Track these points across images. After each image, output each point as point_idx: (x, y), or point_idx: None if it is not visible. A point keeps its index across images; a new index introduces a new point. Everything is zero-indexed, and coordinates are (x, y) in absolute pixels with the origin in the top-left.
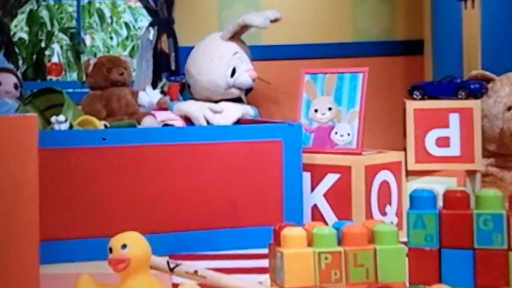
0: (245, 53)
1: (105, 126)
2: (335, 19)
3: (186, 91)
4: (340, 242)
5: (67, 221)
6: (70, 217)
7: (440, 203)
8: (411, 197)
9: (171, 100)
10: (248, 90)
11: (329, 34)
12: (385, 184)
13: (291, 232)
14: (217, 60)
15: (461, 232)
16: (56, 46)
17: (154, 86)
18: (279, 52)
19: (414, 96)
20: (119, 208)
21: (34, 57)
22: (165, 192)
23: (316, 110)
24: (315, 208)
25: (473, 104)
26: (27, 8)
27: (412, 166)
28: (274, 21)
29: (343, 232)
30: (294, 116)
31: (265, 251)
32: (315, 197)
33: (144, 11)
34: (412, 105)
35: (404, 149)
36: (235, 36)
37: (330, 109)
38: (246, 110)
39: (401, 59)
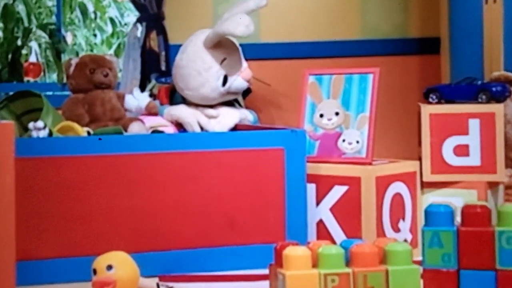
0: (236, 54)
1: (88, 133)
2: (342, 14)
3: (177, 94)
4: (348, 263)
5: (47, 238)
6: (50, 234)
7: (458, 219)
8: (426, 213)
9: (161, 104)
10: (246, 93)
11: (335, 31)
12: (398, 197)
13: (294, 252)
14: (205, 73)
15: (481, 251)
16: (34, 44)
17: (142, 88)
18: (280, 50)
19: (430, 100)
20: (104, 224)
21: (10, 56)
22: (155, 206)
23: (321, 115)
24: (320, 224)
25: (495, 108)
26: (1, 2)
27: (428, 177)
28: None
29: (351, 251)
30: (297, 121)
31: (265, 272)
32: (321, 211)
33: (131, 6)
34: (427, 110)
35: (419, 159)
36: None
37: (337, 114)
38: (244, 115)
39: (415, 59)
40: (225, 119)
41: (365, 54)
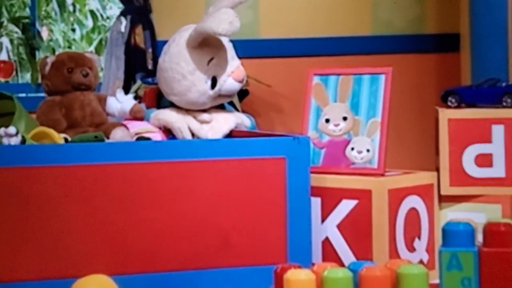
0: (225, 52)
1: (66, 140)
2: (351, 8)
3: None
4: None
5: (20, 259)
6: (23, 254)
7: (480, 238)
8: (444, 231)
9: (147, 107)
10: (243, 96)
11: (343, 26)
12: (413, 213)
13: (297, 275)
14: (190, 76)
15: (505, 274)
16: (5, 40)
17: (127, 90)
18: (281, 47)
19: (449, 104)
20: (84, 243)
21: None
22: (141, 223)
23: (327, 120)
24: (326, 243)
25: None
26: None
27: (447, 190)
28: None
29: (361, 275)
30: (300, 127)
31: None
32: (327, 229)
33: None
34: (446, 115)
35: (437, 169)
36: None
37: (345, 119)
38: (240, 120)
39: (432, 57)
40: (219, 124)
41: (376, 51)
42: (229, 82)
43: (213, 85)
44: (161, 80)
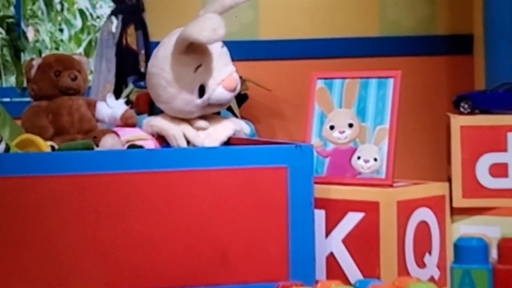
0: (216, 57)
1: (53, 148)
2: (357, 7)
3: None
4: None
5: (5, 276)
6: (8, 270)
7: (494, 254)
8: (456, 247)
9: (140, 113)
10: (242, 101)
11: (349, 26)
12: (423, 226)
13: None
14: (176, 83)
15: None
16: None
17: (118, 94)
18: (282, 49)
19: (461, 109)
20: (71, 258)
21: None
22: (132, 237)
23: (332, 127)
24: (331, 258)
25: None
26: None
27: (459, 202)
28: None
29: None
30: (302, 134)
31: None
32: (331, 243)
33: None
34: (458, 121)
35: (449, 180)
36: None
37: (350, 125)
38: (239, 127)
39: (444, 60)
40: (216, 131)
41: (384, 54)
42: (219, 91)
43: (202, 93)
44: (149, 86)
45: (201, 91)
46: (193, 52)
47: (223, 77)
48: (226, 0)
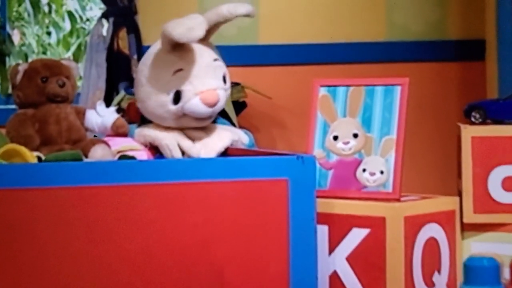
0: (203, 67)
1: (39, 158)
2: (362, 10)
3: None
4: None
5: None
6: None
7: (506, 274)
8: (466, 267)
9: (132, 122)
10: (240, 109)
11: (354, 31)
12: (432, 243)
13: None
14: (152, 82)
15: None
16: None
17: (108, 102)
18: (283, 54)
19: (473, 119)
20: (57, 276)
21: None
22: (123, 254)
23: (335, 138)
24: (334, 277)
25: None
26: None
27: (470, 217)
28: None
29: None
30: (304, 145)
31: None
32: (335, 261)
33: None
34: (469, 132)
35: (459, 194)
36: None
37: (355, 136)
38: (237, 137)
39: (454, 66)
40: (213, 141)
41: (391, 59)
42: (195, 101)
43: (177, 100)
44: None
45: (177, 97)
46: (178, 54)
47: (204, 89)
48: (222, 9)
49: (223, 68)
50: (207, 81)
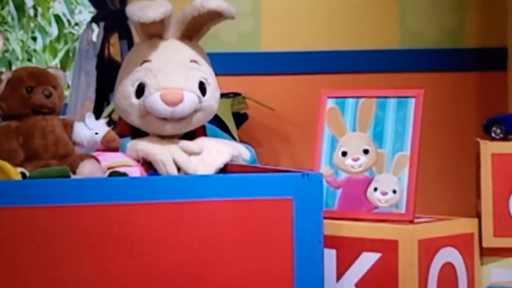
0: (173, 64)
1: (23, 175)
2: (374, 15)
3: None
4: None
5: None
6: None
7: None
8: None
9: (123, 135)
10: (241, 120)
11: (364, 37)
12: (448, 269)
13: None
14: (123, 71)
15: None
16: None
17: (99, 113)
18: (287, 62)
19: (493, 135)
20: None
21: None
22: (114, 279)
23: (344, 154)
24: None
25: None
26: None
27: (490, 241)
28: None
29: None
30: (310, 161)
31: None
32: (344, 287)
33: (84, 0)
34: (489, 148)
35: (478, 216)
36: (162, 33)
37: (366, 152)
38: (237, 151)
39: (473, 77)
40: (211, 156)
41: (404, 69)
42: (154, 97)
43: (139, 94)
44: None
45: (140, 90)
46: (151, 45)
47: (166, 85)
48: (196, 1)
49: (202, 74)
50: (173, 78)
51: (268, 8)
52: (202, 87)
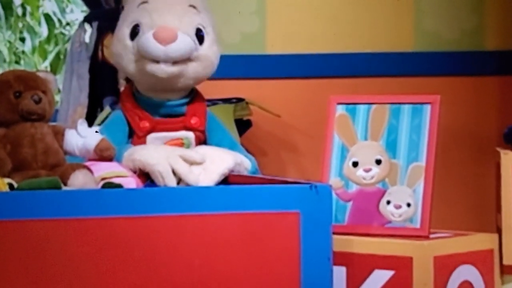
0: (169, 4)
1: (11, 186)
2: (386, 16)
3: None
4: None
5: None
6: None
7: None
8: None
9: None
10: (244, 127)
11: (377, 39)
12: (467, 287)
13: None
14: (122, 16)
15: None
16: None
17: (91, 120)
18: (294, 66)
19: None
20: None
21: None
22: None
23: (355, 164)
24: None
25: None
26: None
27: (511, 258)
28: None
29: None
30: (319, 172)
31: None
32: None
33: None
34: (510, 159)
35: (498, 231)
36: None
37: (378, 162)
38: (239, 160)
39: (493, 82)
40: (214, 164)
41: (419, 73)
42: (147, 36)
43: (133, 35)
44: None
45: (135, 31)
46: None
47: (161, 24)
48: None
49: (201, 21)
50: (167, 17)
51: (274, 7)
52: (200, 35)
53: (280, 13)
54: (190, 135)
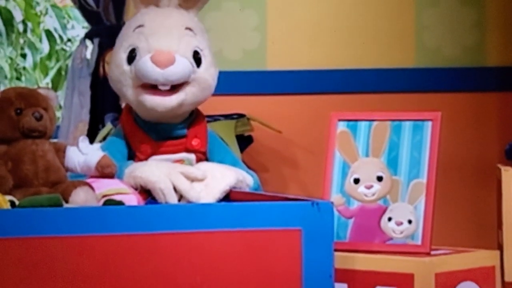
0: (167, 27)
1: (12, 203)
2: (388, 32)
3: None
4: None
5: None
6: None
7: None
8: None
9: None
10: (245, 143)
11: (378, 55)
12: None
13: None
14: (118, 39)
15: None
16: None
17: (93, 137)
18: (295, 82)
19: None
20: None
21: None
22: None
23: (357, 181)
24: None
25: None
26: None
27: None
28: None
29: None
30: (320, 189)
31: None
32: None
33: (77, 14)
34: (511, 175)
35: (499, 247)
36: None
37: (380, 179)
38: (241, 177)
39: (495, 98)
40: (215, 180)
41: (420, 89)
42: (144, 59)
43: (130, 59)
44: None
45: (132, 56)
46: (146, 11)
47: (158, 48)
48: None
49: (198, 44)
50: (165, 41)
51: (275, 24)
52: (197, 57)
53: (281, 31)
54: (192, 156)
